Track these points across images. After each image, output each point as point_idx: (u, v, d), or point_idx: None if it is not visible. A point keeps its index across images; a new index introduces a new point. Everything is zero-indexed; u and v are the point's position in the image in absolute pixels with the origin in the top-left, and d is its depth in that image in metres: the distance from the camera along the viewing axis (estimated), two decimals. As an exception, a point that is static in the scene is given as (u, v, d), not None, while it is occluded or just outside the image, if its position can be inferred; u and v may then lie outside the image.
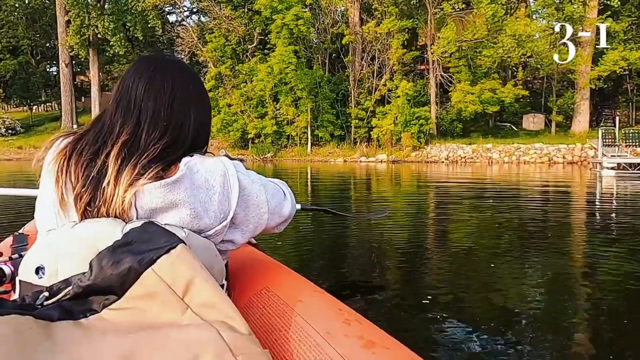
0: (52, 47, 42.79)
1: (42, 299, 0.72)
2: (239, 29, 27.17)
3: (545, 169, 17.33)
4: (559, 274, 3.20)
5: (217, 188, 0.89)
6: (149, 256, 0.70)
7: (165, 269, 0.69)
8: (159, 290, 0.68)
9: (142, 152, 0.87)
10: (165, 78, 0.94)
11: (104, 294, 0.71)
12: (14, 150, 31.23)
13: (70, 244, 0.78)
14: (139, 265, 0.70)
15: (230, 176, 0.91)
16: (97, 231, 0.79)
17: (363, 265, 3.44)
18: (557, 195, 8.89)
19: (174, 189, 0.84)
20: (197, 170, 0.88)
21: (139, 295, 0.69)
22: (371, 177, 14.53)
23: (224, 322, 0.66)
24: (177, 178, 0.84)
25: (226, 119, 27.12)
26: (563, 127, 24.48)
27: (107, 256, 0.71)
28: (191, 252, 0.74)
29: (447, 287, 2.88)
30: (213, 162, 0.91)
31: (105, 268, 0.70)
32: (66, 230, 0.81)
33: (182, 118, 0.93)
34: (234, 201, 0.91)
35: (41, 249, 0.81)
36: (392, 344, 0.71)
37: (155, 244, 0.72)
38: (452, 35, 22.44)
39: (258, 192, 0.96)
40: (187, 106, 0.95)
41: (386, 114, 24.51)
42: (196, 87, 0.99)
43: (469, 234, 4.83)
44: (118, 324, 0.68)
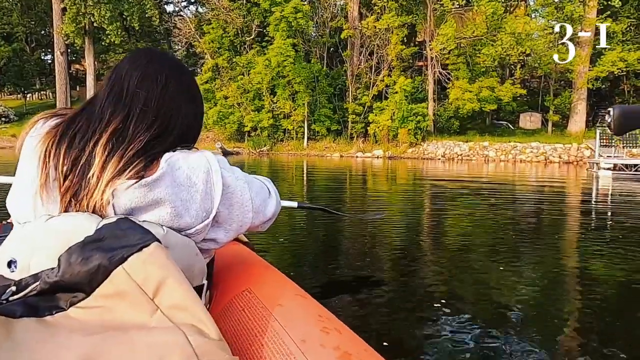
0: (47, 35, 42.33)
1: (9, 293, 0.69)
2: (237, 20, 26.95)
3: (541, 168, 17.37)
4: (553, 272, 3.23)
5: (200, 185, 0.85)
6: (120, 254, 0.67)
7: (136, 268, 0.67)
8: (129, 290, 0.66)
9: (129, 143, 0.84)
10: (159, 71, 0.92)
11: (72, 291, 0.68)
12: (7, 138, 30.90)
13: (45, 237, 0.75)
14: (109, 263, 0.67)
15: (213, 173, 0.87)
16: (72, 225, 0.75)
17: (356, 263, 3.43)
18: (554, 195, 8.90)
19: (154, 187, 0.81)
20: (179, 167, 0.84)
21: (108, 294, 0.67)
22: (367, 173, 14.50)
23: (193, 325, 0.64)
24: (157, 177, 0.81)
25: (223, 111, 26.98)
26: (559, 126, 24.53)
27: (77, 252, 0.68)
28: (166, 251, 0.71)
29: (442, 284, 2.89)
30: (196, 157, 0.87)
31: (74, 264, 0.67)
32: (41, 224, 0.77)
33: (171, 111, 0.91)
34: (217, 199, 0.87)
35: (14, 242, 0.78)
36: (369, 357, 0.69)
37: (127, 242, 0.69)
38: (452, 32, 22.38)
39: (242, 189, 0.93)
40: (178, 100, 0.93)
41: (383, 110, 24.46)
42: (189, 83, 0.98)
43: (464, 232, 4.84)
44: (85, 322, 0.66)
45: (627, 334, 2.16)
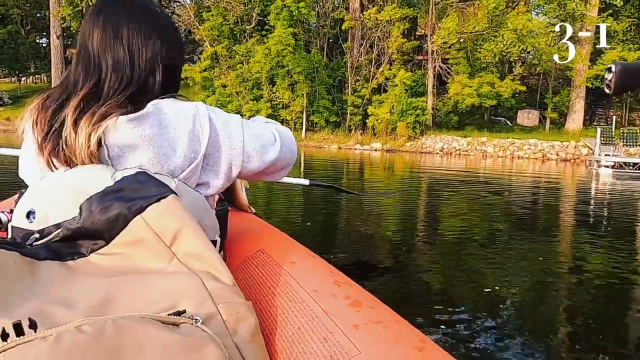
0: (43, 18, 41.77)
1: (33, 239, 0.73)
2: (238, 8, 26.69)
3: (539, 165, 17.46)
4: (547, 265, 3.27)
5: (187, 126, 0.87)
6: (139, 204, 0.70)
7: (154, 218, 0.69)
8: (147, 238, 0.69)
9: (103, 102, 0.86)
10: (119, 24, 0.90)
11: (93, 239, 0.71)
12: (2, 121, 30.57)
13: (62, 189, 0.79)
14: (128, 212, 0.69)
15: (200, 115, 0.88)
16: (87, 177, 0.79)
17: (352, 252, 3.46)
18: (553, 191, 8.95)
19: (140, 124, 0.83)
20: (166, 112, 0.86)
21: (127, 241, 0.69)
22: (365, 164, 14.48)
23: (208, 272, 0.67)
24: (143, 114, 0.83)
25: (221, 99, 26.81)
26: (557, 124, 24.62)
27: (97, 201, 0.71)
28: (182, 202, 0.73)
29: (436, 277, 2.94)
30: (184, 104, 0.89)
31: (95, 213, 0.70)
32: (57, 176, 0.81)
33: (145, 66, 0.90)
34: (205, 140, 0.88)
35: (32, 195, 0.81)
36: (378, 304, 0.72)
37: (146, 193, 0.72)
38: (453, 27, 22.31)
39: (233, 132, 0.93)
40: (150, 51, 0.91)
41: (382, 103, 24.41)
42: (157, 25, 0.93)
43: (460, 225, 4.88)
44: (104, 268, 0.69)
45: (621, 330, 2.19)
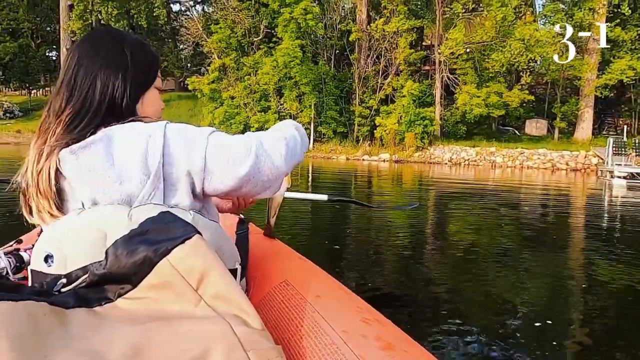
0: (53, 31, 42.30)
1: (60, 285, 0.74)
2: (246, 21, 26.92)
3: (548, 175, 17.35)
4: (559, 278, 3.24)
5: (139, 149, 0.83)
6: (164, 246, 0.70)
7: (180, 260, 0.69)
8: (173, 281, 0.69)
9: (57, 122, 0.88)
10: (76, 47, 0.95)
11: (119, 283, 0.71)
12: (12, 134, 30.89)
13: (78, 231, 0.79)
14: (154, 255, 0.69)
15: (155, 135, 0.85)
16: (103, 217, 0.79)
17: (365, 268, 3.47)
18: (565, 202, 8.89)
19: (82, 154, 0.83)
20: (117, 138, 0.85)
21: (154, 285, 0.70)
22: (374, 176, 14.45)
23: (237, 315, 0.67)
24: (86, 143, 0.83)
25: (229, 111, 26.95)
26: (566, 133, 24.49)
27: (123, 245, 0.71)
28: (206, 242, 0.73)
29: (446, 287, 2.94)
30: (143, 126, 0.87)
31: (121, 257, 0.70)
32: (72, 218, 0.82)
33: (86, 83, 0.91)
34: (156, 159, 0.83)
35: (50, 237, 0.82)
36: (412, 347, 0.70)
37: (171, 234, 0.72)
38: (461, 37, 22.35)
39: (194, 146, 0.85)
40: (92, 70, 0.91)
41: (390, 113, 24.42)
42: (108, 50, 0.94)
43: (470, 236, 4.90)
44: (132, 313, 0.69)
45: (636, 345, 2.16)
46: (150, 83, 1.00)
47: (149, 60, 0.99)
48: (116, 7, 32.20)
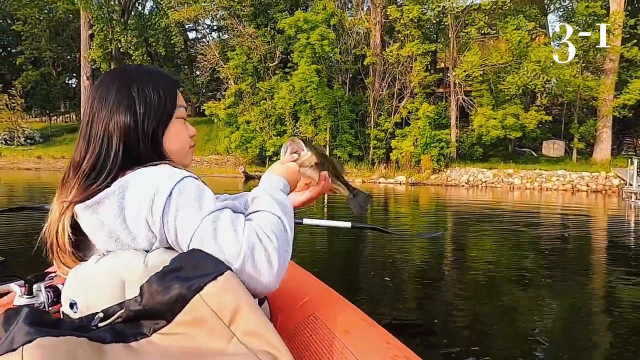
0: (73, 60, 43.52)
1: (97, 320, 0.76)
2: (261, 47, 27.40)
3: (568, 197, 17.10)
4: (582, 302, 3.19)
5: (143, 212, 0.82)
6: (197, 283, 0.72)
7: (213, 296, 0.71)
8: (207, 317, 0.70)
9: (75, 176, 0.89)
10: (89, 96, 0.95)
11: (154, 319, 0.73)
12: (33, 159, 31.48)
13: (96, 278, 0.81)
14: (187, 292, 0.71)
15: (160, 194, 0.82)
16: (120, 264, 0.81)
17: (384, 292, 3.49)
18: (589, 225, 8.73)
19: (97, 210, 0.84)
20: (129, 191, 0.84)
21: (187, 321, 0.71)
22: (391, 199, 14.38)
23: (268, 352, 0.68)
24: (100, 199, 0.84)
25: (245, 135, 27.21)
26: (584, 154, 24.24)
27: (157, 282, 0.73)
28: (237, 278, 0.75)
29: (468, 310, 2.95)
30: (152, 180, 0.84)
31: (155, 294, 0.72)
32: (91, 266, 0.84)
33: (99, 134, 0.90)
34: (157, 225, 0.82)
35: (72, 285, 0.85)
36: None
37: (203, 270, 0.73)
38: (476, 59, 22.44)
39: (182, 227, 0.81)
40: (104, 120, 0.90)
41: (405, 136, 24.45)
42: (116, 95, 0.92)
43: (491, 259, 4.87)
44: (166, 349, 0.71)
45: None
46: (168, 117, 0.95)
47: (161, 95, 0.94)
48: (135, 36, 33.07)
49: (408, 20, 23.79)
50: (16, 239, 4.72)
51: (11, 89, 35.15)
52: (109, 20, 33.28)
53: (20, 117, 36.23)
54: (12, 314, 0.72)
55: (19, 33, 40.63)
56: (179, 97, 0.99)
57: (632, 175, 16.39)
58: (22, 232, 4.92)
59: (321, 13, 25.04)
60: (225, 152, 29.30)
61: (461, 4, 23.83)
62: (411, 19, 23.73)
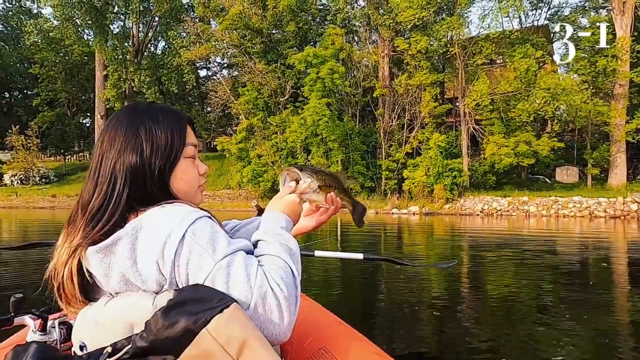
0: (88, 100, 44.60)
1: (105, 355, 0.75)
2: (272, 82, 27.89)
3: (587, 223, 16.81)
4: (604, 336, 3.08)
5: (155, 254, 0.81)
6: (204, 317, 0.71)
7: (219, 330, 0.70)
8: (214, 351, 0.69)
9: (82, 216, 0.88)
10: (99, 137, 0.94)
11: (161, 354, 0.72)
12: (48, 198, 31.86)
13: (105, 322, 0.81)
14: (194, 326, 0.70)
15: (172, 237, 0.81)
16: (129, 306, 0.80)
17: (398, 325, 3.43)
18: (609, 252, 8.54)
19: (109, 254, 0.82)
20: (141, 233, 0.83)
21: (194, 355, 0.70)
22: (404, 229, 14.24)
23: None
24: (112, 241, 0.82)
25: (257, 169, 27.37)
26: (599, 180, 23.98)
27: (162, 317, 0.72)
28: (243, 311, 0.74)
29: (487, 339, 2.92)
30: (162, 220, 0.83)
31: (161, 330, 0.71)
32: (100, 308, 0.84)
33: (107, 174, 0.89)
34: (168, 268, 0.81)
35: (81, 326, 0.85)
36: None
37: (208, 304, 0.73)
38: (485, 88, 22.60)
39: (195, 270, 0.81)
40: (111, 160, 0.90)
41: (417, 166, 24.44)
42: (123, 136, 0.91)
43: (515, 293, 4.73)
44: None
45: None
46: (175, 157, 0.94)
47: (169, 135, 0.93)
48: (148, 75, 33.89)
49: (416, 51, 24.15)
50: (33, 274, 4.72)
51: (27, 129, 35.95)
52: (122, 61, 34.22)
53: (36, 157, 36.90)
54: (21, 351, 0.73)
55: (36, 76, 41.87)
56: (189, 135, 0.98)
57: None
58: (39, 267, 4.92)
59: (330, 48, 25.52)
60: (237, 187, 29.44)
61: (467, 33, 24.22)
62: (419, 50, 24.09)
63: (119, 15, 35.61)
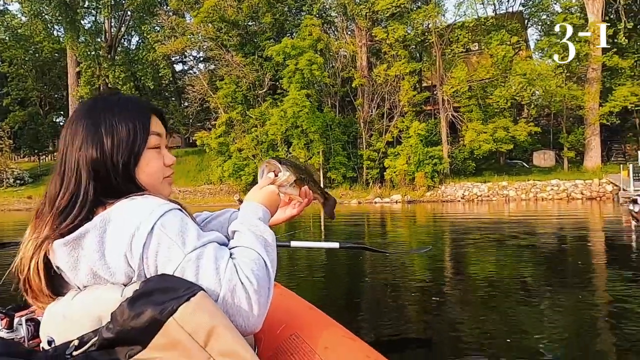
0: (61, 98, 43.48)
1: (72, 348, 0.75)
2: (250, 75, 27.63)
3: (565, 206, 17.20)
4: (585, 311, 3.16)
5: (123, 247, 0.80)
6: (170, 306, 0.71)
7: (186, 318, 0.70)
8: (181, 340, 0.70)
9: (50, 211, 0.86)
10: (62, 133, 0.93)
11: (129, 345, 0.72)
12: (24, 200, 31.12)
13: (73, 316, 0.80)
14: (160, 315, 0.70)
15: (141, 230, 0.80)
16: (96, 298, 0.79)
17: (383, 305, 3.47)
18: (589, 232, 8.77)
19: (76, 247, 0.81)
20: (110, 225, 0.82)
21: (162, 345, 0.70)
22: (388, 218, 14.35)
23: None
24: (80, 234, 0.81)
25: (237, 163, 27.18)
26: (575, 163, 24.51)
27: (128, 308, 0.72)
28: (211, 299, 0.74)
29: (471, 324, 2.92)
30: (131, 212, 0.82)
31: (127, 320, 0.71)
32: (67, 302, 0.82)
33: (72, 170, 0.88)
34: (136, 260, 0.80)
35: (49, 321, 0.84)
36: None
37: (175, 293, 0.72)
38: (464, 75, 22.80)
39: (163, 263, 0.80)
40: (74, 156, 0.89)
41: (398, 155, 24.59)
42: (84, 131, 0.90)
43: (491, 272, 4.82)
44: None
45: None
46: (139, 149, 0.92)
47: (131, 127, 0.92)
48: (123, 71, 33.22)
49: (394, 40, 24.18)
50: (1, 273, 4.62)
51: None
52: (95, 57, 33.44)
53: (9, 158, 35.91)
54: None
55: (5, 74, 40.63)
56: (153, 124, 0.96)
57: (629, 180, 16.53)
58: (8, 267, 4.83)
59: (307, 39, 25.38)
60: (219, 182, 29.19)
61: (443, 21, 24.36)
62: (397, 39, 24.13)
63: (90, 10, 34.65)
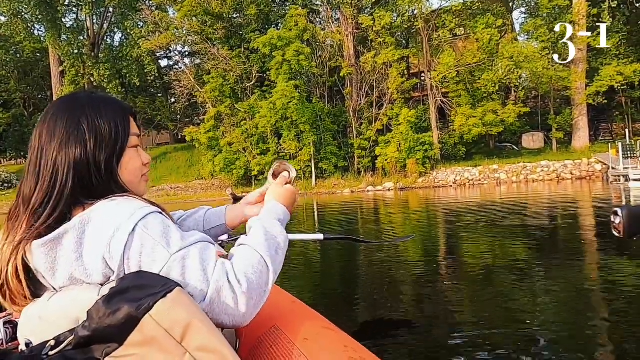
0: (45, 98, 42.81)
1: (48, 348, 0.74)
2: (237, 68, 27.40)
3: (555, 186, 17.37)
4: (579, 289, 3.19)
5: (101, 249, 0.79)
6: (146, 302, 0.71)
7: (163, 314, 0.70)
8: (158, 336, 0.70)
9: (25, 211, 0.85)
10: (36, 129, 0.90)
11: (106, 342, 0.72)
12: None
13: (49, 317, 0.79)
14: (136, 312, 0.70)
15: (121, 231, 0.79)
16: (73, 299, 0.79)
17: (376, 289, 3.49)
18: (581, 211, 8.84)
19: (54, 247, 0.80)
20: (89, 226, 0.81)
21: (139, 341, 0.70)
22: (381, 205, 14.39)
23: None
24: (58, 235, 0.80)
25: (228, 157, 27.05)
26: (563, 143, 24.72)
27: (104, 305, 0.71)
28: (187, 294, 0.74)
29: (465, 306, 2.93)
30: (111, 214, 0.82)
31: (103, 318, 0.70)
32: (44, 303, 0.82)
33: (48, 168, 0.86)
34: (117, 262, 0.79)
35: (26, 323, 0.83)
36: None
37: (151, 290, 0.72)
38: (452, 61, 22.82)
39: (148, 264, 0.80)
40: (52, 154, 0.86)
41: (389, 142, 24.61)
42: (64, 128, 0.88)
43: (484, 254, 4.85)
44: None
45: None
46: (121, 147, 0.92)
47: (113, 126, 0.91)
48: (107, 69, 32.78)
49: (380, 27, 24.10)
50: None
51: (-18, 133, 34.43)
52: (79, 55, 32.95)
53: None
54: None
55: (-14, 77, 39.94)
56: (132, 124, 0.96)
57: (618, 158, 16.73)
58: None
59: (294, 29, 25.19)
60: (210, 176, 29.05)
61: (429, 7, 24.31)
62: (383, 26, 24.05)
63: (71, 8, 34.06)
